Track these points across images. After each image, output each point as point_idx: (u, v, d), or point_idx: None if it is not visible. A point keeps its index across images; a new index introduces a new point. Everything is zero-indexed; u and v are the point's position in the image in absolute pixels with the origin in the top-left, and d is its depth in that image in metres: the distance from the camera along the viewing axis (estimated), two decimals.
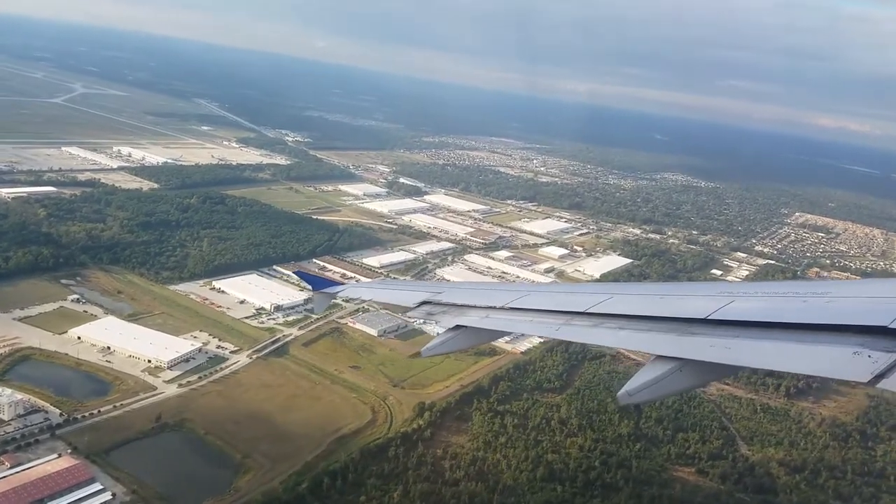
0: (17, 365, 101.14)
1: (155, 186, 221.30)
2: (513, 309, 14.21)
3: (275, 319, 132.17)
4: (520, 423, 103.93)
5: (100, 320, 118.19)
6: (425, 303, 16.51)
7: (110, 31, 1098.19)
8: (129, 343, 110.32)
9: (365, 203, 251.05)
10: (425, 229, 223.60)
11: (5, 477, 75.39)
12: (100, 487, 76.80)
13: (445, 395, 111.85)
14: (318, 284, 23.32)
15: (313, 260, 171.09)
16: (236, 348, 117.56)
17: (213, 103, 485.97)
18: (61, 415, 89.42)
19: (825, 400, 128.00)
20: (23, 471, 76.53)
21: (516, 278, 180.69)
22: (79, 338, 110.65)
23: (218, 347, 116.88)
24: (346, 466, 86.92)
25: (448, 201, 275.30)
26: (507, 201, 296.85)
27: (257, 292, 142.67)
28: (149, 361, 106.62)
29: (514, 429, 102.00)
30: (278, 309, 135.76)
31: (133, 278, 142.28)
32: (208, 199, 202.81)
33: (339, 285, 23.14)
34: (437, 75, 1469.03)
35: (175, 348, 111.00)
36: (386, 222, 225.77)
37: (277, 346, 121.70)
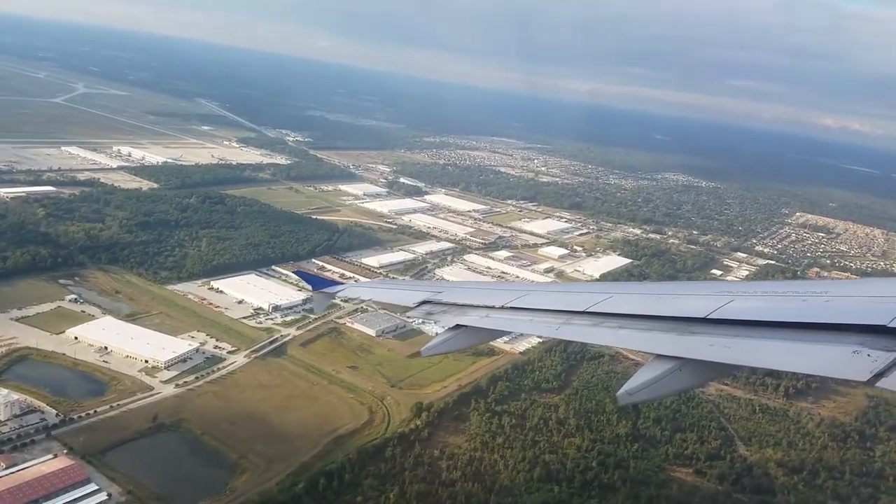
0: (14, 365, 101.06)
1: (154, 186, 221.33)
2: (513, 308, 14.23)
3: (273, 319, 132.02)
4: (517, 424, 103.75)
5: (97, 320, 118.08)
6: (425, 302, 16.53)
7: (111, 31, 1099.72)
8: (126, 343, 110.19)
9: (365, 203, 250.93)
10: (425, 229, 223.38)
11: (0, 478, 75.24)
12: (95, 488, 76.68)
13: (443, 396, 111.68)
14: (318, 284, 23.37)
15: (312, 260, 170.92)
16: (234, 348, 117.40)
17: (213, 103, 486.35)
18: (57, 415, 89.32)
19: (824, 400, 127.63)
20: (18, 471, 76.40)
21: (516, 278, 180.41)
22: (76, 338, 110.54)
23: (215, 347, 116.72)
24: (342, 467, 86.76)
25: (448, 201, 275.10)
26: (508, 201, 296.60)
27: (256, 292, 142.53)
28: (146, 361, 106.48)
29: (512, 429, 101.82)
30: (276, 309, 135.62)
31: (131, 278, 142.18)
32: (208, 199, 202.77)
33: (338, 285, 23.14)
34: (438, 75, 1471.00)
35: (172, 348, 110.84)
36: (386, 222, 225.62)
37: (275, 347, 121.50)
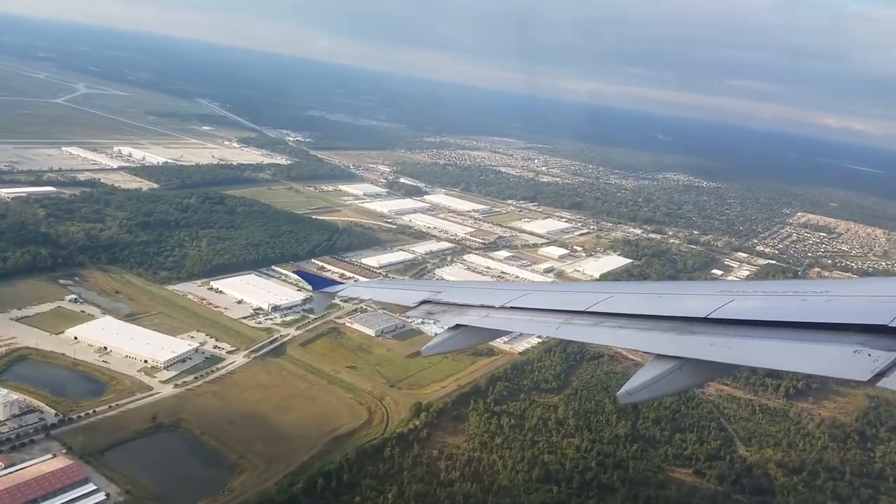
0: (14, 365, 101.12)
1: (155, 186, 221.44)
2: (513, 308, 14.22)
3: (272, 319, 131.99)
4: (516, 424, 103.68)
5: (97, 320, 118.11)
6: (425, 302, 16.51)
7: (111, 31, 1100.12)
8: (125, 343, 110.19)
9: (365, 203, 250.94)
10: (425, 229, 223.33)
11: None
12: (93, 488, 76.68)
13: (442, 396, 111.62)
14: (318, 284, 23.37)
15: (312, 260, 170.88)
16: (233, 348, 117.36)
17: (214, 103, 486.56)
18: (56, 415, 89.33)
19: (825, 401, 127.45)
20: (16, 471, 76.42)
21: (515, 278, 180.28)
22: (75, 338, 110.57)
23: (215, 347, 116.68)
24: (340, 467, 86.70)
25: (448, 201, 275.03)
26: (508, 201, 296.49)
27: (255, 292, 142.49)
28: (145, 361, 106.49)
29: (511, 429, 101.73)
30: (276, 309, 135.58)
31: (131, 278, 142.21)
32: (208, 199, 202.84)
33: (338, 285, 23.12)
34: (438, 75, 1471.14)
35: (171, 348, 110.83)
36: (386, 222, 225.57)
37: (274, 347, 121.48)
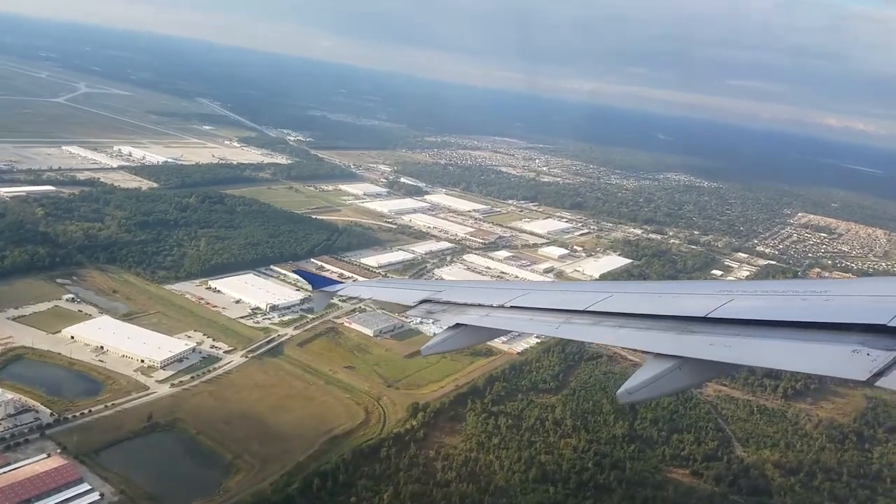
0: (10, 364, 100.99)
1: (154, 186, 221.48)
2: (513, 307, 14.17)
3: (270, 319, 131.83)
4: (514, 424, 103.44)
5: (94, 320, 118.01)
6: (425, 301, 16.42)
7: (113, 31, 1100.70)
8: (122, 343, 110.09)
9: (365, 203, 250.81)
10: (425, 229, 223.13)
11: None
12: (88, 488, 76.53)
13: (440, 396, 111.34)
14: (318, 283, 23.25)
15: (311, 259, 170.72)
16: (230, 348, 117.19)
17: (215, 103, 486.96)
18: (52, 414, 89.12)
19: (823, 401, 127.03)
20: (10, 471, 76.32)
21: (515, 278, 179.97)
22: (72, 337, 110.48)
23: (212, 347, 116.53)
24: (337, 467, 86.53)
25: (449, 201, 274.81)
26: (509, 201, 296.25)
27: (253, 292, 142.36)
28: (142, 361, 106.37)
29: (508, 430, 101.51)
30: (274, 309, 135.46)
31: (129, 278, 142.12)
32: (207, 199, 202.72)
33: (338, 284, 23.02)
34: (439, 75, 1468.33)
35: (168, 348, 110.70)
36: (386, 222, 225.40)
37: (272, 346, 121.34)
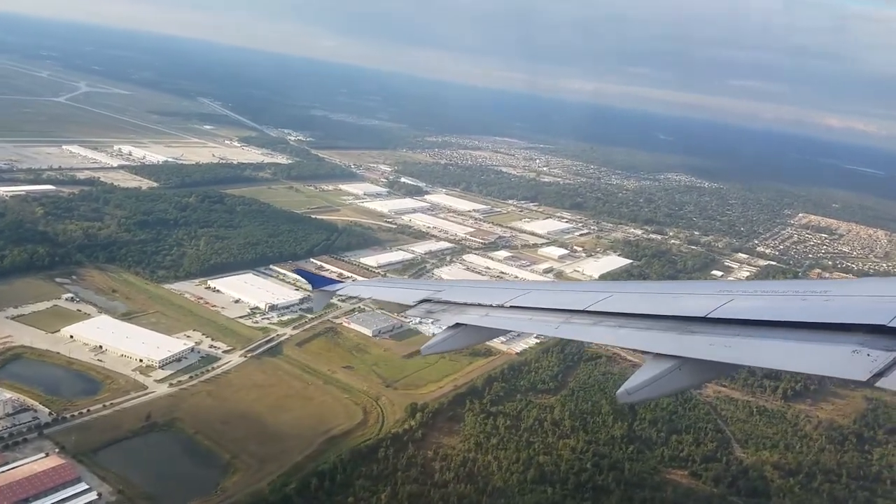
0: (8, 364, 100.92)
1: (154, 185, 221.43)
2: (513, 307, 14.15)
3: (269, 319, 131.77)
4: (512, 425, 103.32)
5: (92, 319, 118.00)
6: (425, 301, 16.37)
7: (115, 31, 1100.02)
8: (121, 342, 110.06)
9: (365, 202, 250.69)
10: (425, 229, 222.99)
11: None
12: (85, 487, 76.48)
13: (438, 396, 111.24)
14: (318, 282, 23.10)
15: (310, 259, 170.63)
16: (229, 348, 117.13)
17: (216, 102, 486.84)
18: (50, 414, 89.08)
19: (823, 403, 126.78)
20: (8, 470, 76.26)
21: (514, 278, 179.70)
22: (71, 336, 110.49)
23: (211, 347, 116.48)
24: (334, 467, 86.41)
25: (449, 201, 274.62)
26: (509, 201, 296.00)
27: (252, 291, 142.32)
28: (140, 361, 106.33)
29: (507, 430, 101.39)
30: (273, 308, 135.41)
31: (128, 277, 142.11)
32: (207, 198, 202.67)
33: (338, 283, 22.95)
34: (440, 75, 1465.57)
35: (167, 348, 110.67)
36: (385, 222, 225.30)
37: (271, 346, 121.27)
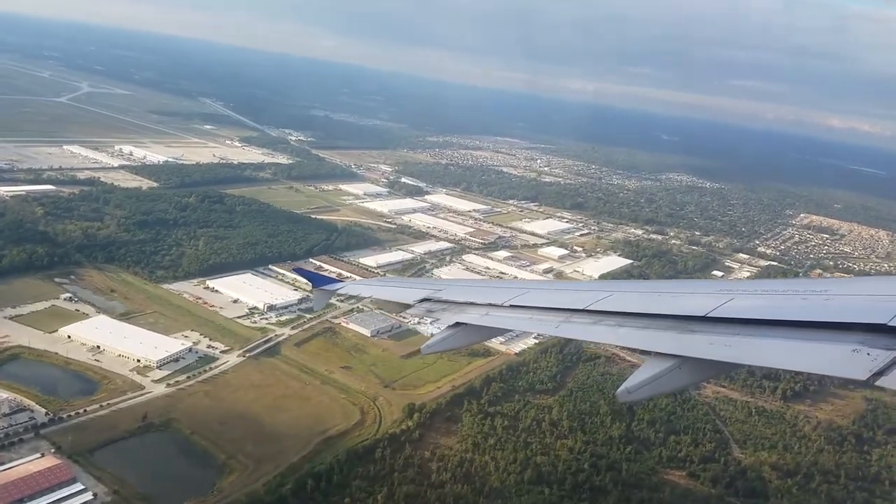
0: (6, 363, 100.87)
1: (154, 185, 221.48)
2: (513, 306, 14.10)
3: (267, 319, 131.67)
4: (510, 425, 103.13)
5: (90, 319, 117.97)
6: (425, 300, 16.32)
7: (116, 31, 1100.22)
8: (118, 342, 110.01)
9: (365, 202, 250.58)
10: (425, 229, 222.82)
11: None
12: (81, 487, 76.42)
13: (436, 396, 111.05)
14: (318, 281, 23.01)
15: (310, 259, 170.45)
16: (227, 348, 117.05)
17: (217, 102, 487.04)
18: (47, 414, 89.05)
19: (822, 403, 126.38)
20: (3, 470, 76.26)
21: (514, 279, 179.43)
22: (69, 336, 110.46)
23: (208, 347, 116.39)
24: (331, 468, 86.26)
25: (449, 201, 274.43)
26: (509, 201, 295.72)
27: (251, 291, 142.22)
28: (138, 361, 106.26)
29: (504, 430, 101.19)
30: (271, 308, 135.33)
31: (127, 277, 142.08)
32: (207, 198, 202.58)
33: (338, 282, 22.88)
34: (440, 75, 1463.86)
35: (165, 348, 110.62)
36: (385, 222, 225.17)
37: (269, 346, 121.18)
